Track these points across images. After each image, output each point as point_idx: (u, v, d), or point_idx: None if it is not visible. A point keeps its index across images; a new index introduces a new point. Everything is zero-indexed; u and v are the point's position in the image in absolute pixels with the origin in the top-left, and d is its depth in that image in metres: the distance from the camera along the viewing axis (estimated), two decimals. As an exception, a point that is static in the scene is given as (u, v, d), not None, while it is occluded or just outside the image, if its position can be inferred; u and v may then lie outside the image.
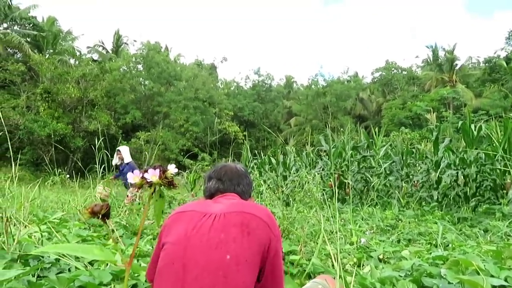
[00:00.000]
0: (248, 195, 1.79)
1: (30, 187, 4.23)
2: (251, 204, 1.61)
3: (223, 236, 1.38)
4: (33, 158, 23.64)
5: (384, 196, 8.47)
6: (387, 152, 9.69)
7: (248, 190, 1.79)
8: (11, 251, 1.96)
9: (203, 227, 1.41)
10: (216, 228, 1.40)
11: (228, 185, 1.72)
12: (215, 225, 1.41)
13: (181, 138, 28.34)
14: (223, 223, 1.42)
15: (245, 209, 1.49)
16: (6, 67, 25.64)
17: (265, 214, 1.50)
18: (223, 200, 1.61)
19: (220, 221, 1.42)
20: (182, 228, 1.44)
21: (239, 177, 1.77)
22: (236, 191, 1.72)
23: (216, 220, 1.43)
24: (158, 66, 29.22)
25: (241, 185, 1.74)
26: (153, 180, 0.75)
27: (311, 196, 4.43)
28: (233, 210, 1.48)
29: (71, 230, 2.81)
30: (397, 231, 4.71)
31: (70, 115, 26.21)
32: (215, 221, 1.42)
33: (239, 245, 1.37)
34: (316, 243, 3.17)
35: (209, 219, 1.44)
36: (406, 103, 33.82)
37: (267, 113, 38.72)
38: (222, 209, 1.49)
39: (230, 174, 1.76)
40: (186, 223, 1.45)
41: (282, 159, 10.82)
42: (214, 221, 1.42)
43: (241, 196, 1.72)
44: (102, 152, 5.95)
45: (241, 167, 1.84)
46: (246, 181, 1.78)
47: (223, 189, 1.71)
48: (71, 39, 32.97)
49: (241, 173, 1.79)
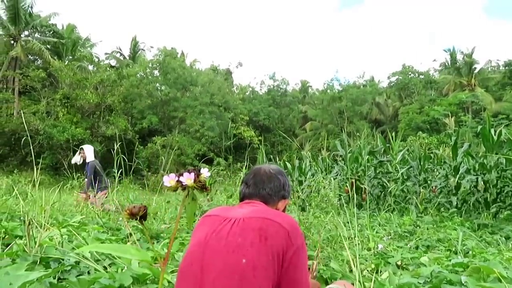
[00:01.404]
0: (278, 197, 1.71)
1: (51, 191, 4.30)
2: (274, 211, 1.58)
3: (240, 240, 1.38)
4: (52, 162, 24.09)
5: (401, 202, 8.36)
6: (404, 157, 9.57)
7: (278, 192, 1.70)
8: (32, 253, 2.00)
9: (222, 231, 1.43)
10: (234, 232, 1.41)
11: (253, 189, 1.69)
12: (233, 229, 1.42)
13: (197, 143, 28.52)
14: (241, 227, 1.42)
15: (266, 215, 1.48)
16: (27, 74, 26.30)
17: (286, 221, 1.46)
18: (247, 206, 1.60)
19: (239, 225, 1.43)
20: (204, 231, 1.46)
21: (267, 180, 1.71)
22: (260, 195, 1.68)
23: (235, 224, 1.43)
24: (174, 72, 29.53)
25: (267, 188, 1.69)
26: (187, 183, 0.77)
27: (328, 201, 4.40)
28: (253, 216, 1.47)
29: (90, 234, 2.86)
30: (415, 237, 4.64)
31: (88, 120, 26.67)
32: (234, 225, 1.43)
33: (256, 250, 1.36)
34: (333, 248, 3.15)
35: (229, 223, 1.45)
36: (423, 107, 33.37)
37: (282, 118, 38.66)
38: (242, 214, 1.49)
39: (258, 177, 1.72)
40: (208, 227, 1.47)
41: (297, 164, 10.79)
42: (233, 226, 1.43)
43: (267, 199, 1.67)
44: (119, 157, 6.02)
45: (273, 168, 1.77)
46: (275, 183, 1.71)
47: (249, 194, 1.69)
48: (90, 46, 33.62)
49: (270, 175, 1.73)
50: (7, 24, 26.92)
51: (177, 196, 7.08)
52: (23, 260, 1.88)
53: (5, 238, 2.48)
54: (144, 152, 25.98)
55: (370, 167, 9.22)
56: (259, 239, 1.38)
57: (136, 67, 30.12)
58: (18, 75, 26.96)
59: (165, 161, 20.76)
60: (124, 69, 29.09)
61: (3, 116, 24.72)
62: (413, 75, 40.64)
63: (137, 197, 7.37)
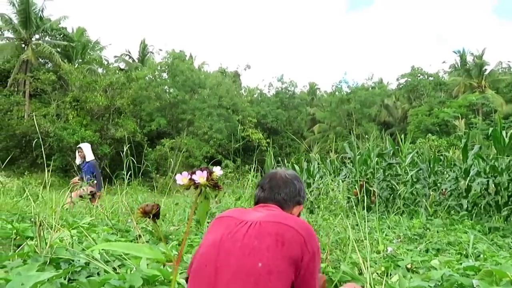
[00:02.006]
0: (293, 203, 1.71)
1: (61, 193, 4.35)
2: (290, 216, 1.57)
3: (256, 244, 1.38)
4: (62, 164, 24.31)
5: (410, 205, 8.28)
6: (413, 159, 9.48)
7: (293, 197, 1.71)
8: (43, 254, 2.02)
9: (238, 233, 1.43)
10: (250, 235, 1.41)
11: (268, 193, 1.69)
12: (249, 232, 1.42)
13: (205, 145, 28.60)
14: (258, 230, 1.42)
15: (283, 220, 1.48)
16: (38, 77, 26.62)
17: (303, 228, 1.46)
18: (262, 210, 1.60)
19: (255, 228, 1.43)
20: (219, 233, 1.46)
21: (283, 185, 1.71)
22: (276, 199, 1.68)
23: (252, 227, 1.43)
24: (182, 74, 29.69)
25: (282, 193, 1.69)
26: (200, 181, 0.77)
27: (337, 204, 4.37)
28: (270, 220, 1.47)
29: (100, 235, 2.87)
30: (425, 240, 4.59)
31: (98, 123, 26.90)
32: (250, 228, 1.43)
33: (272, 254, 1.36)
34: (342, 251, 3.13)
35: (245, 226, 1.45)
36: (432, 109, 33.12)
37: (290, 120, 38.62)
38: (259, 217, 1.49)
39: (273, 181, 1.72)
40: (223, 229, 1.47)
41: (306, 166, 10.75)
42: (249, 228, 1.43)
43: (282, 204, 1.67)
44: (128, 159, 6.06)
45: (289, 173, 1.77)
46: (290, 188, 1.71)
47: (264, 198, 1.69)
48: (99, 49, 33.98)
49: (286, 180, 1.72)
50: (18, 28, 27.29)
51: (186, 198, 7.11)
52: (34, 260, 1.90)
53: (17, 239, 2.50)
54: (152, 154, 26.12)
55: (379, 170, 9.16)
56: (276, 244, 1.38)
57: (145, 70, 30.34)
58: (29, 78, 27.31)
59: (174, 163, 20.83)
60: (133, 72, 29.30)
61: (14, 118, 25.03)
62: (422, 76, 40.34)
63: (146, 199, 7.40)
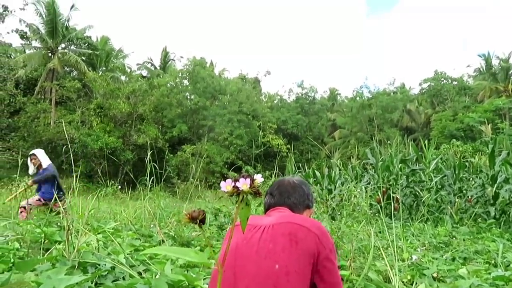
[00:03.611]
0: (303, 206, 1.75)
1: (88, 198, 4.44)
2: (300, 216, 1.62)
3: (271, 246, 1.41)
4: (86, 170, 24.81)
5: (435, 212, 8.11)
6: (437, 165, 9.29)
7: (303, 201, 1.75)
8: (71, 258, 2.06)
9: (253, 238, 1.45)
10: (265, 239, 1.44)
11: (278, 199, 1.73)
12: (264, 236, 1.45)
13: (226, 151, 28.73)
14: (271, 233, 1.45)
15: (294, 220, 1.51)
16: (63, 85, 27.35)
17: (314, 226, 1.49)
18: (274, 213, 1.64)
19: (269, 232, 1.46)
20: (234, 240, 1.49)
21: (291, 190, 1.75)
22: (286, 204, 1.71)
23: (265, 231, 1.46)
24: (203, 81, 29.98)
25: (292, 198, 1.73)
26: (243, 188, 0.80)
27: (360, 210, 4.32)
28: (282, 221, 1.50)
29: (125, 240, 2.92)
30: (451, 249, 4.48)
31: (121, 129, 27.38)
32: (264, 232, 1.46)
33: (287, 255, 1.39)
34: (366, 258, 3.08)
35: (259, 230, 1.48)
36: (457, 114, 32.40)
37: (310, 126, 38.43)
38: (271, 221, 1.52)
39: (282, 187, 1.75)
40: (238, 235, 1.50)
41: (327, 172, 10.67)
42: (264, 232, 1.46)
43: (293, 208, 1.71)
44: (151, 165, 6.13)
45: (296, 179, 1.82)
46: (299, 193, 1.75)
47: (274, 203, 1.73)
48: (122, 57, 34.68)
49: (294, 185, 1.77)
50: (46, 38, 28.14)
51: (207, 204, 7.15)
52: (63, 264, 1.94)
53: (45, 243, 2.56)
54: (174, 160, 26.39)
55: (402, 176, 9.00)
56: (290, 244, 1.41)
57: (167, 77, 30.76)
58: (55, 86, 28.08)
59: (195, 169, 20.99)
60: (155, 79, 29.76)
61: (41, 125, 25.73)
62: (445, 81, 39.57)
63: (168, 204, 7.49)
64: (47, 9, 27.68)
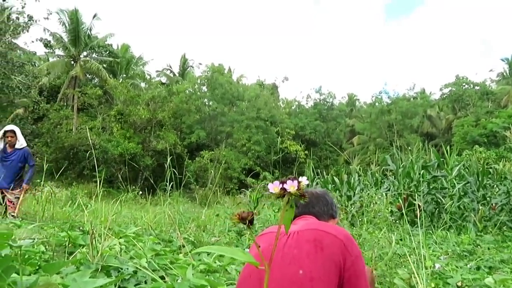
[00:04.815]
0: (328, 215, 1.78)
1: (110, 204, 4.51)
2: (327, 223, 1.62)
3: (296, 252, 1.41)
4: (107, 175, 25.24)
5: (458, 219, 7.93)
6: (460, 172, 9.10)
7: (326, 210, 1.78)
8: (95, 262, 2.09)
9: (278, 244, 1.45)
10: (290, 245, 1.44)
11: (302, 208, 1.74)
12: (289, 242, 1.45)
13: (244, 157, 28.80)
14: (296, 239, 1.45)
15: (319, 227, 1.51)
16: (85, 92, 27.98)
17: (340, 233, 1.48)
18: (299, 221, 1.65)
19: (293, 238, 1.46)
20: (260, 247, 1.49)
21: (315, 199, 1.77)
22: (311, 212, 1.73)
23: (290, 237, 1.46)
24: (221, 87, 30.21)
25: (316, 207, 1.75)
26: (291, 190, 0.82)
27: (381, 217, 4.26)
28: (307, 228, 1.50)
29: (146, 244, 2.95)
30: (475, 258, 4.37)
31: (140, 135, 27.79)
32: (289, 238, 1.46)
33: (312, 260, 1.38)
34: (388, 266, 3.04)
35: (284, 237, 1.48)
36: (479, 120, 31.71)
37: (328, 132, 38.22)
38: (296, 228, 1.53)
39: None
40: (263, 242, 1.52)
41: (346, 178, 10.56)
42: (289, 239, 1.46)
43: (318, 216, 1.73)
44: (171, 171, 6.19)
45: (319, 190, 1.86)
46: (323, 202, 1.78)
47: (299, 213, 1.74)
48: (142, 64, 35.29)
49: (317, 195, 1.80)
50: (69, 46, 28.88)
51: (226, 209, 7.17)
52: (87, 267, 1.97)
53: (69, 246, 2.61)
54: (192, 166, 26.60)
55: (423, 183, 8.85)
56: (315, 250, 1.40)
57: (185, 84, 31.13)
58: (77, 93, 28.74)
59: (213, 175, 21.10)
60: (174, 86, 30.15)
61: (63, 131, 26.32)
62: (467, 86, 38.82)
63: (187, 209, 7.54)
64: (70, 18, 28.44)
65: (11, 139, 5.63)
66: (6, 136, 5.64)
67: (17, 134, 5.71)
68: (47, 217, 5.32)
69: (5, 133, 5.66)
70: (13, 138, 5.64)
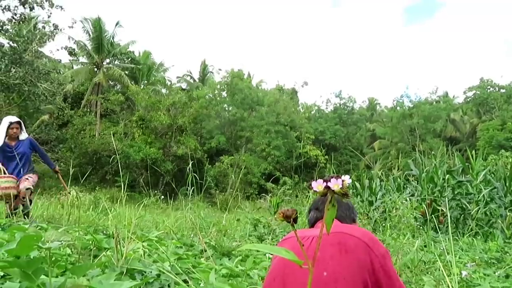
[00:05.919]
0: (350, 219, 1.78)
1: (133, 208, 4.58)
2: (350, 226, 1.61)
3: (319, 254, 1.40)
4: (129, 180, 25.62)
5: (484, 226, 7.71)
6: (486, 177, 8.85)
7: (349, 214, 1.79)
8: (119, 265, 2.12)
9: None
10: (313, 248, 1.44)
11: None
12: (312, 245, 1.46)
13: (263, 162, 28.79)
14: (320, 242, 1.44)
15: (343, 229, 1.50)
16: (108, 98, 28.56)
17: (364, 235, 1.47)
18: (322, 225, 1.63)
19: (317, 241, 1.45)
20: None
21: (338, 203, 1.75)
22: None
23: (314, 240, 1.47)
24: (241, 93, 30.34)
25: (339, 210, 1.74)
26: (335, 189, 0.84)
27: (406, 223, 4.18)
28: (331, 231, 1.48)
29: (169, 248, 2.97)
30: (503, 265, 4.23)
31: (161, 141, 28.15)
32: (312, 241, 1.47)
33: (336, 262, 1.38)
34: (413, 272, 2.97)
35: (308, 240, 1.49)
36: (505, 123, 30.86)
37: (349, 137, 37.85)
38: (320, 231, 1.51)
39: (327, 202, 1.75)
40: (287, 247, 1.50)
41: (367, 183, 10.42)
42: (312, 242, 1.47)
43: (341, 220, 1.73)
44: (192, 175, 6.24)
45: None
46: (344, 206, 1.79)
47: (321, 217, 1.74)
48: (163, 70, 35.83)
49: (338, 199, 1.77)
50: (92, 53, 29.60)
51: (246, 214, 7.17)
52: (112, 270, 2.00)
53: (93, 250, 2.66)
54: (212, 171, 26.76)
55: (448, 188, 8.64)
56: (339, 252, 1.40)
57: (205, 89, 31.42)
58: (100, 99, 29.38)
59: (233, 180, 21.17)
60: (194, 91, 30.45)
61: (87, 137, 26.90)
62: (492, 89, 37.87)
63: (208, 214, 7.57)
64: (94, 26, 29.16)
65: (16, 130, 5.30)
66: (11, 127, 5.26)
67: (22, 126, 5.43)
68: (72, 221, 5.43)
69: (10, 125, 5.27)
70: (18, 130, 5.32)
